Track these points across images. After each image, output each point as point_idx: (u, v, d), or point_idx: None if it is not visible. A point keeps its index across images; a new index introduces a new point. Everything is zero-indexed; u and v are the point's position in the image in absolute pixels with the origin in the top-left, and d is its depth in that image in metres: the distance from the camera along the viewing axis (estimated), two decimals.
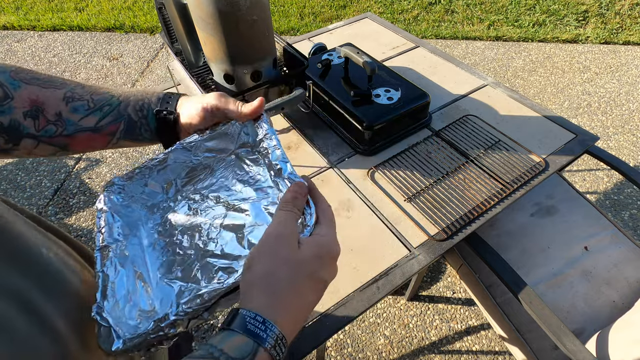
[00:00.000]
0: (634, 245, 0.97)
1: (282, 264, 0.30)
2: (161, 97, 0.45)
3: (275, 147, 0.43)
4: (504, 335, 0.94)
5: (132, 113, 0.44)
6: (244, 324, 0.28)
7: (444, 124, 0.97)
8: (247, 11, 0.64)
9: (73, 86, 0.42)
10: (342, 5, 2.95)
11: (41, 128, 0.39)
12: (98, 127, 0.42)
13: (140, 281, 0.40)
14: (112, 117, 0.43)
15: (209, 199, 0.47)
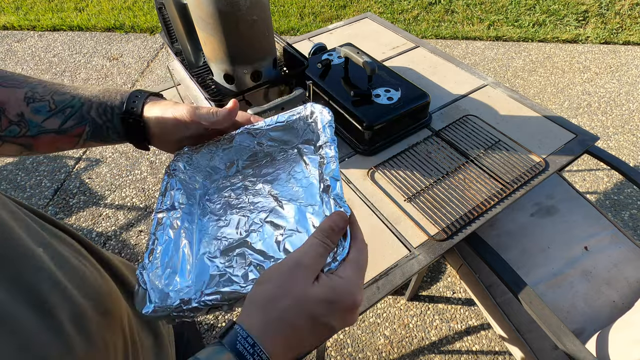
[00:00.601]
0: (634, 245, 0.97)
1: (288, 294, 0.29)
2: (125, 99, 0.43)
3: (332, 158, 0.42)
4: (504, 335, 0.94)
5: (95, 117, 0.42)
6: (234, 342, 0.28)
7: (444, 124, 0.97)
8: (247, 11, 0.64)
9: (34, 84, 0.41)
10: (342, 5, 2.95)
11: (4, 128, 0.39)
12: (62, 129, 0.41)
13: (184, 251, 0.41)
14: (75, 120, 0.41)
15: (263, 188, 0.48)
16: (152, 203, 1.72)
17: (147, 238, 1.59)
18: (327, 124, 0.45)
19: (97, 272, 0.42)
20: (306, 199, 0.45)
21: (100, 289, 0.39)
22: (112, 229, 1.62)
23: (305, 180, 0.47)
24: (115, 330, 0.39)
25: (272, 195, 0.47)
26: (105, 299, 0.40)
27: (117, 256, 0.54)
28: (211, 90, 0.82)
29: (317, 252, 0.31)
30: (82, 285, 0.37)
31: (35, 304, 0.31)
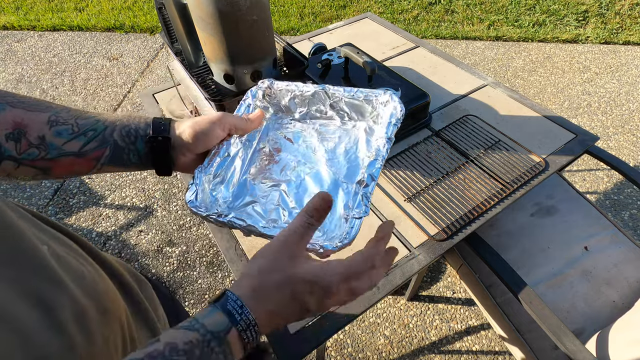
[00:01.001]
0: (634, 245, 0.97)
1: (276, 270, 0.34)
2: (150, 122, 0.44)
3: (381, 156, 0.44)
4: (504, 335, 0.94)
5: (118, 139, 0.43)
6: (225, 304, 0.32)
7: (444, 124, 0.97)
8: (247, 11, 0.64)
9: (58, 110, 0.41)
10: (342, 5, 2.95)
11: (23, 151, 0.39)
12: (82, 152, 0.41)
13: (235, 167, 0.49)
14: (96, 143, 0.42)
15: (319, 147, 0.52)
16: (152, 203, 1.72)
17: (148, 238, 1.59)
18: (394, 121, 0.47)
19: (96, 272, 0.42)
20: (346, 177, 0.48)
21: (99, 288, 0.40)
22: (112, 229, 1.62)
23: (354, 160, 0.50)
24: (114, 329, 0.40)
25: (322, 156, 0.50)
26: (104, 298, 0.40)
27: (113, 257, 0.55)
28: (211, 90, 0.82)
29: (301, 232, 0.35)
30: (82, 285, 0.37)
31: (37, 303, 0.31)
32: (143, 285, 0.58)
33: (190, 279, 1.47)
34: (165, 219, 1.65)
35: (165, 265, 1.50)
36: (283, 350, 0.62)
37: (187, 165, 0.47)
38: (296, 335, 0.63)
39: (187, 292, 1.43)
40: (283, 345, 0.62)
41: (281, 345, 0.62)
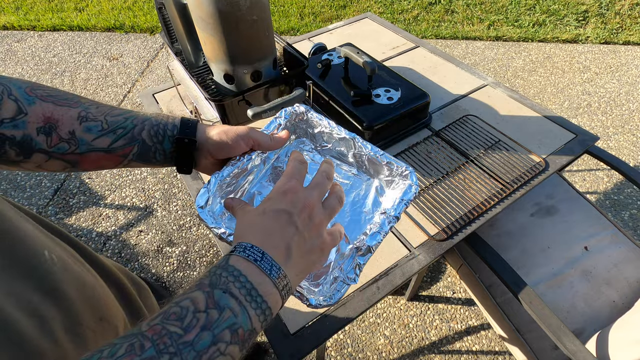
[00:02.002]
0: (634, 245, 0.97)
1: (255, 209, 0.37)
2: (178, 123, 0.45)
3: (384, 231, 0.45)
4: (504, 335, 0.94)
5: (146, 138, 0.44)
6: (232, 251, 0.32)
7: (444, 124, 0.97)
8: (247, 11, 0.64)
9: (88, 105, 0.42)
10: (342, 5, 2.95)
11: (53, 145, 0.40)
12: (111, 148, 0.43)
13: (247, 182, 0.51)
14: (125, 140, 0.43)
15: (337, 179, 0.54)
16: (152, 203, 1.72)
17: (148, 238, 1.59)
18: (406, 200, 0.47)
19: (94, 279, 0.42)
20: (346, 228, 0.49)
21: (97, 295, 0.40)
22: (112, 229, 1.62)
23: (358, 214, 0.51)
24: (110, 337, 0.40)
25: None
26: (101, 305, 0.40)
27: (111, 260, 0.55)
28: (211, 90, 0.82)
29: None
30: (82, 292, 0.37)
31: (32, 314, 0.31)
32: (142, 289, 0.57)
33: (190, 279, 1.47)
34: (165, 219, 1.65)
35: (165, 265, 1.50)
36: (283, 350, 0.62)
37: (207, 167, 0.48)
38: (296, 335, 0.63)
39: None
40: (283, 345, 0.62)
41: (281, 345, 0.62)
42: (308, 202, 0.36)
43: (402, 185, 0.49)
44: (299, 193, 0.36)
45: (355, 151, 0.53)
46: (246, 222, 0.36)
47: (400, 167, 0.50)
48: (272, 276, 0.31)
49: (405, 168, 0.49)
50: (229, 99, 0.72)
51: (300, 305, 0.67)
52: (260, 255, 0.31)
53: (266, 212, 0.35)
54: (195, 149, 0.45)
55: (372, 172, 0.54)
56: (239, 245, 0.32)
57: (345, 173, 0.55)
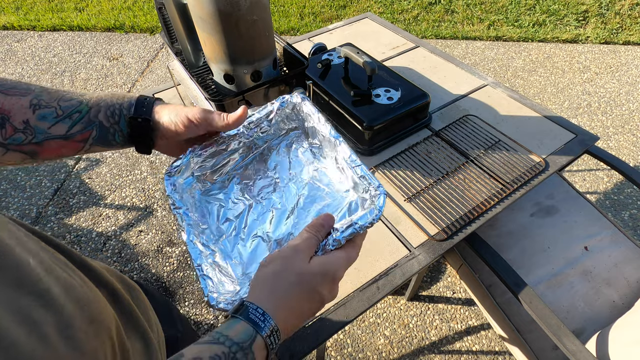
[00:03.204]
0: (634, 245, 0.97)
1: (291, 270, 0.35)
2: (134, 102, 0.44)
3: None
4: (504, 336, 0.94)
5: (103, 119, 0.43)
6: (247, 314, 0.32)
7: (444, 124, 0.97)
8: (247, 11, 0.64)
9: (39, 92, 0.41)
10: (342, 5, 2.95)
11: (8, 136, 0.39)
12: (69, 134, 0.41)
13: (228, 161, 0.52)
14: (82, 125, 0.42)
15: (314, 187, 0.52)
16: (152, 203, 1.72)
17: (148, 238, 1.59)
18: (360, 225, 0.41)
19: (83, 281, 0.41)
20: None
21: (86, 297, 0.39)
22: (112, 229, 1.62)
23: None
24: (103, 338, 0.39)
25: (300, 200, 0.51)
26: (92, 307, 0.39)
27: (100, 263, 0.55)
28: (211, 90, 0.82)
29: (311, 242, 0.38)
30: (70, 293, 0.37)
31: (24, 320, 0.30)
32: (134, 292, 0.57)
33: (190, 279, 1.47)
34: (165, 219, 1.65)
35: (165, 265, 1.50)
36: (283, 350, 0.62)
37: (166, 148, 0.47)
38: (296, 335, 0.63)
39: (187, 292, 1.43)
40: (283, 345, 0.62)
41: (281, 345, 0.62)
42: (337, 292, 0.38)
43: (367, 206, 0.44)
44: (339, 283, 0.38)
45: (336, 155, 0.51)
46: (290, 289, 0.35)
47: (372, 185, 0.45)
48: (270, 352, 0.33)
49: (375, 188, 0.44)
50: (229, 99, 0.72)
51: None
52: (277, 341, 0.33)
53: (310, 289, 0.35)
54: (151, 128, 0.44)
55: (351, 184, 0.50)
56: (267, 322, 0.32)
57: (329, 181, 0.52)
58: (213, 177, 0.52)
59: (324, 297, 0.36)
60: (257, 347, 0.31)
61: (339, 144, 0.49)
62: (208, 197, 0.51)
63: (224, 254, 0.46)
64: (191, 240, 0.44)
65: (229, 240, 0.48)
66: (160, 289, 1.44)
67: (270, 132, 0.54)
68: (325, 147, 0.53)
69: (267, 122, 0.53)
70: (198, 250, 0.43)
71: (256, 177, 0.52)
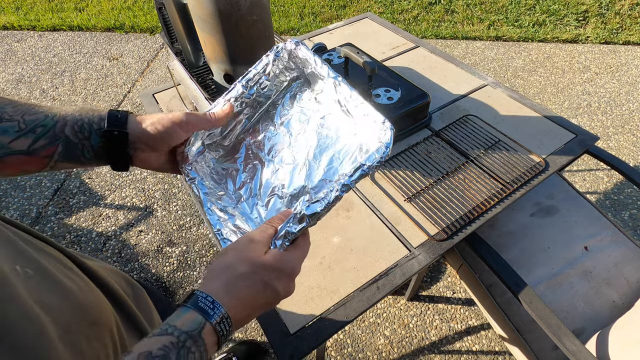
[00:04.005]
0: (634, 245, 0.97)
1: (244, 261, 0.35)
2: (104, 116, 0.41)
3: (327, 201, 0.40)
4: (504, 336, 0.94)
5: (70, 134, 0.40)
6: (197, 302, 0.33)
7: (444, 124, 0.97)
8: (247, 11, 0.64)
9: (4, 105, 0.39)
10: (342, 5, 2.95)
11: None
12: (32, 150, 0.39)
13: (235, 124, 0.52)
14: (46, 140, 0.39)
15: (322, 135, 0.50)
16: (152, 203, 1.72)
17: (148, 238, 1.59)
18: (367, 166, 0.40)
19: (84, 283, 0.41)
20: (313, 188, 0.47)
21: (87, 300, 0.39)
22: (112, 229, 1.62)
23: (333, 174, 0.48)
24: (104, 340, 0.39)
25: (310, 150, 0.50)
26: (92, 310, 0.39)
27: (103, 263, 0.54)
28: (211, 90, 0.82)
29: (267, 232, 0.38)
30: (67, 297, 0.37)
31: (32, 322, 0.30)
32: (137, 291, 0.57)
33: (190, 279, 1.47)
34: (165, 219, 1.65)
35: (165, 265, 1.50)
36: (283, 350, 0.62)
37: (149, 161, 0.45)
38: (296, 335, 0.63)
39: (187, 292, 1.43)
40: (283, 345, 0.62)
41: (281, 345, 0.62)
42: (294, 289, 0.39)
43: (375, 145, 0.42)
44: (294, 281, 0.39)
45: (338, 97, 0.48)
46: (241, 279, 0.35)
47: (378, 121, 0.43)
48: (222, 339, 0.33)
49: (382, 123, 0.42)
50: None
51: (301, 306, 0.67)
52: (229, 329, 0.33)
53: (265, 282, 0.35)
54: (127, 142, 0.41)
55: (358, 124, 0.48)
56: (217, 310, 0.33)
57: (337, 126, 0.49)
58: (224, 142, 0.52)
59: (278, 292, 0.36)
60: (206, 333, 0.32)
61: (339, 84, 0.47)
62: (223, 163, 0.51)
63: (245, 216, 0.48)
64: (209, 208, 0.45)
65: (248, 203, 0.49)
66: (160, 289, 1.44)
67: (271, 87, 0.52)
68: (327, 90, 0.50)
69: (265, 77, 0.51)
70: (216, 217, 0.45)
71: (265, 136, 0.52)
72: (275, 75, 0.51)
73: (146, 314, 0.55)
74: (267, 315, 0.66)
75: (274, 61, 0.50)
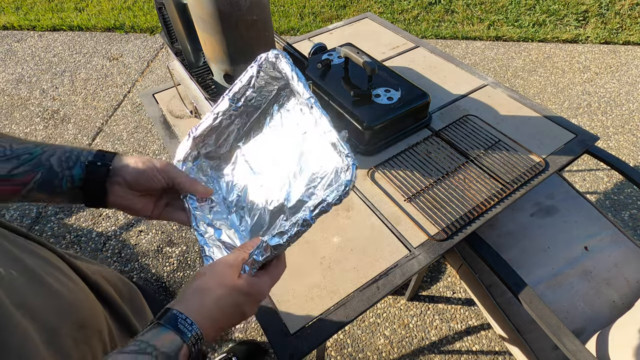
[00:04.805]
0: (634, 245, 0.97)
1: (220, 285, 0.37)
2: (94, 151, 0.42)
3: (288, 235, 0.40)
4: (504, 335, 0.94)
5: (54, 163, 0.40)
6: (176, 323, 0.33)
7: (444, 124, 0.97)
8: (247, 11, 0.64)
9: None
10: (342, 5, 2.95)
11: None
12: (10, 175, 0.38)
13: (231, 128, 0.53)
14: (28, 167, 0.39)
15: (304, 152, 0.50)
16: None
17: (148, 238, 1.59)
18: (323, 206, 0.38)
19: (74, 284, 0.41)
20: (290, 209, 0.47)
21: (75, 302, 0.39)
22: (112, 229, 1.62)
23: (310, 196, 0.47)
24: (93, 343, 0.39)
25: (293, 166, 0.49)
26: (80, 312, 0.39)
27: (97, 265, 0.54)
28: (211, 90, 0.82)
29: (240, 257, 0.40)
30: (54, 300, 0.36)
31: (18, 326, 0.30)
32: (132, 293, 0.57)
33: (190, 279, 1.47)
34: None
35: (165, 265, 1.50)
36: (283, 350, 0.62)
37: (122, 200, 0.44)
38: (296, 335, 0.63)
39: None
40: (283, 345, 0.62)
41: (281, 345, 0.62)
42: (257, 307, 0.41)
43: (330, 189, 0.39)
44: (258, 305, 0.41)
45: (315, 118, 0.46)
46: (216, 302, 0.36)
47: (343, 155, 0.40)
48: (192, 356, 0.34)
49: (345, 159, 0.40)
50: None
51: (301, 306, 0.67)
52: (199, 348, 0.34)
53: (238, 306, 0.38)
54: (108, 176, 0.42)
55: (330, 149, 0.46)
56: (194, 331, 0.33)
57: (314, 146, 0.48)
58: (220, 151, 0.53)
59: (245, 314, 0.39)
60: (182, 355, 0.33)
61: (311, 106, 0.45)
62: (219, 172, 0.52)
63: (233, 228, 0.48)
64: (197, 223, 0.46)
65: (237, 214, 0.50)
66: (160, 289, 1.44)
67: (260, 97, 0.51)
68: (306, 106, 0.49)
69: (251, 89, 0.50)
70: (203, 232, 0.46)
71: (255, 146, 0.52)
72: (262, 87, 0.51)
73: (140, 315, 0.55)
74: (267, 315, 0.66)
75: (258, 73, 0.49)
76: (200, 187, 0.47)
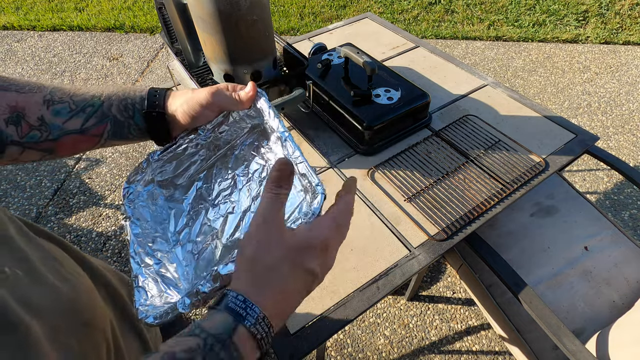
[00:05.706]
0: (634, 245, 0.97)
1: (266, 248, 0.31)
2: (145, 96, 0.44)
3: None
4: (504, 336, 0.94)
5: (117, 114, 0.43)
6: (227, 303, 0.29)
7: (444, 124, 0.97)
8: (247, 11, 0.64)
9: (51, 89, 0.41)
10: (342, 5, 2.95)
11: (25, 134, 0.39)
12: (84, 129, 0.41)
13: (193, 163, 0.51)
14: (96, 119, 0.42)
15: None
16: None
17: None
18: None
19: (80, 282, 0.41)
20: None
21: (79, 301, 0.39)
22: (112, 229, 1.62)
23: None
24: (97, 340, 0.39)
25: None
26: (84, 311, 0.39)
27: (102, 262, 0.54)
28: None
29: (274, 204, 0.32)
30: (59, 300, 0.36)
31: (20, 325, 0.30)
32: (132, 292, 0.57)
33: None
34: None
35: None
36: (283, 350, 0.62)
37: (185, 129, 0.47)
38: (296, 335, 0.63)
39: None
40: (283, 345, 0.62)
41: (281, 345, 0.62)
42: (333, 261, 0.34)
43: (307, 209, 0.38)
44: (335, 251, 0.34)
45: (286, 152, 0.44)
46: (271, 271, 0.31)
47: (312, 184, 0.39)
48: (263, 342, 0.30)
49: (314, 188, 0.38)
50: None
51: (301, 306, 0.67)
52: (267, 330, 0.29)
53: (296, 266, 0.31)
54: (166, 120, 0.44)
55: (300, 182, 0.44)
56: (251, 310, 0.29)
57: None
58: (176, 181, 0.50)
59: (316, 272, 0.32)
60: (240, 338, 0.28)
61: (285, 140, 0.44)
62: (171, 202, 0.50)
63: (175, 262, 0.45)
64: (134, 250, 0.42)
65: (183, 247, 0.46)
66: None
67: (231, 132, 0.50)
68: (276, 145, 0.48)
69: (225, 122, 0.49)
70: (139, 262, 0.42)
71: (216, 180, 0.51)
72: (236, 122, 0.50)
73: None
74: None
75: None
76: (245, 101, 0.45)
